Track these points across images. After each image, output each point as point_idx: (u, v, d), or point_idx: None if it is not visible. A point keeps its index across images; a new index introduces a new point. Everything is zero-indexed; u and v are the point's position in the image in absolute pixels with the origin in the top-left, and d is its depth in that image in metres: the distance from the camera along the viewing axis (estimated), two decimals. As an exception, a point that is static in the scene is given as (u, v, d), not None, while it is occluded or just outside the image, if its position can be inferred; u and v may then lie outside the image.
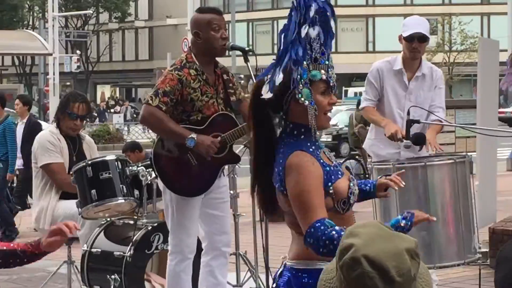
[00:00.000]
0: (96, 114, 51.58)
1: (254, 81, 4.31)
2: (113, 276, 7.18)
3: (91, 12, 65.02)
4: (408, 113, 7.10)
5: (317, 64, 3.96)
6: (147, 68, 68.93)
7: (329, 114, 4.09)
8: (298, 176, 3.87)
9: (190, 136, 6.41)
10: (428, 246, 6.52)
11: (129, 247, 7.27)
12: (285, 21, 4.07)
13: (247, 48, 6.80)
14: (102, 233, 7.67)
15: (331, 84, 3.98)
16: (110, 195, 7.49)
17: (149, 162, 7.36)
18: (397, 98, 7.60)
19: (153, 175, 7.14)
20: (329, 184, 3.91)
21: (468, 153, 7.96)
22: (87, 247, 7.61)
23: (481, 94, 9.89)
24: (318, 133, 4.09)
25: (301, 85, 3.94)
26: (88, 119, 7.86)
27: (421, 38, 7.49)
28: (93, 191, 7.41)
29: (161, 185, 6.91)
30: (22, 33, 31.80)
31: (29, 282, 9.42)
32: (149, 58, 73.62)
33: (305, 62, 3.94)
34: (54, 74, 40.12)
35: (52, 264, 9.27)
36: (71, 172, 7.70)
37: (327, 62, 3.98)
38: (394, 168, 6.87)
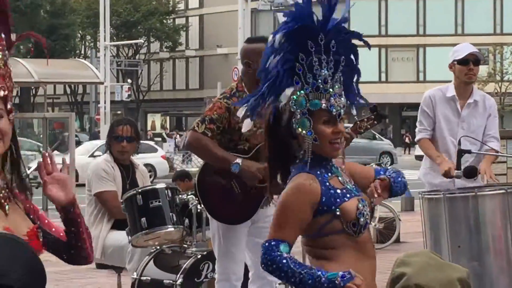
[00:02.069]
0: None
1: None
2: (163, 305, 7.21)
3: (142, 41, 65.52)
4: (459, 143, 7.08)
5: (319, 93, 3.91)
6: (197, 97, 69.16)
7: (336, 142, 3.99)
8: (289, 190, 3.92)
9: (235, 161, 6.43)
10: (479, 277, 6.48)
11: (178, 275, 7.29)
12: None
13: None
14: (151, 261, 7.70)
15: (333, 113, 3.91)
16: (160, 223, 7.52)
17: (198, 191, 7.40)
18: (450, 126, 7.58)
19: (203, 203, 7.17)
20: (333, 207, 3.88)
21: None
22: (137, 275, 7.64)
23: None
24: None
25: (298, 115, 3.92)
26: (137, 143, 7.79)
27: (476, 61, 7.48)
28: (143, 219, 7.45)
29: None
30: (74, 62, 32.06)
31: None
32: (199, 87, 73.89)
33: (303, 92, 3.91)
34: (105, 102, 40.58)
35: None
36: (121, 200, 7.76)
37: (330, 90, 3.92)
38: (445, 198, 6.86)
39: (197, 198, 7.06)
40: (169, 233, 7.61)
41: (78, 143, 37.92)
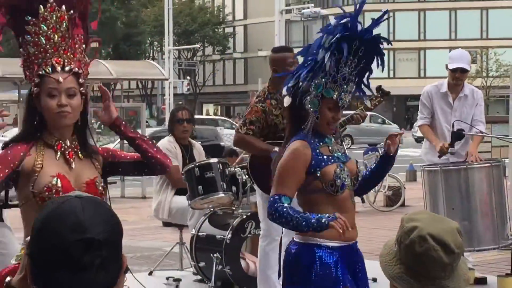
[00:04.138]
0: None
1: None
2: (215, 255, 7.22)
3: (199, 46, 65.55)
4: (453, 126, 7.05)
5: (335, 85, 3.94)
6: (242, 90, 69.13)
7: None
8: (287, 155, 3.99)
9: (274, 149, 6.45)
10: (469, 233, 6.44)
11: (228, 231, 7.31)
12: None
13: None
14: (206, 221, 7.72)
15: (339, 104, 3.97)
16: (213, 190, 7.53)
17: (244, 165, 7.41)
18: (444, 115, 7.55)
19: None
20: (317, 169, 3.94)
21: (502, 159, 7.85)
22: (195, 232, 7.67)
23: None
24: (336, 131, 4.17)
25: (313, 96, 3.95)
26: (193, 124, 7.84)
27: (463, 70, 7.44)
28: (200, 187, 7.47)
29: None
30: (145, 63, 32.14)
31: (149, 259, 9.47)
32: (244, 82, 73.81)
33: (323, 79, 3.93)
34: (169, 95, 40.56)
35: (167, 245, 9.39)
36: (182, 172, 7.79)
37: (345, 87, 3.96)
38: (441, 170, 6.82)
39: (246, 173, 7.05)
40: (220, 198, 7.63)
41: (148, 127, 38.11)
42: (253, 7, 72.43)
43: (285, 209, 3.83)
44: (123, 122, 3.64)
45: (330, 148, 4.04)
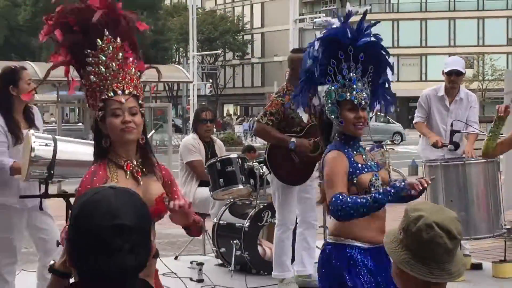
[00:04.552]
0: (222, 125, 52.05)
1: None
2: (235, 241, 7.23)
3: (220, 52, 65.55)
4: (452, 125, 7.02)
5: (345, 88, 3.83)
6: (260, 92, 69.06)
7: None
8: (329, 165, 3.78)
9: (291, 140, 6.43)
10: (466, 223, 6.41)
11: (246, 220, 7.31)
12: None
13: None
14: (227, 210, 7.73)
15: (355, 103, 3.82)
16: (233, 183, 7.53)
17: (261, 159, 7.41)
18: (441, 117, 7.52)
19: (264, 168, 7.16)
20: (354, 176, 3.78)
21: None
22: (216, 220, 7.68)
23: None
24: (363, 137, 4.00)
25: (329, 104, 3.86)
26: (215, 123, 7.89)
27: (458, 73, 7.40)
28: (221, 180, 7.47)
29: (269, 177, 6.94)
30: (171, 67, 32.22)
31: (174, 245, 9.52)
32: (261, 85, 73.68)
33: (333, 87, 3.85)
34: (193, 96, 40.58)
35: (191, 232, 9.37)
36: (205, 166, 7.79)
37: (354, 86, 3.83)
38: (441, 165, 6.79)
39: (265, 165, 7.01)
40: (239, 190, 7.63)
41: (174, 125, 38.19)
42: (269, 16, 72.38)
43: (349, 199, 3.63)
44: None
45: (364, 157, 3.91)
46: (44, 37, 3.52)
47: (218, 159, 7.69)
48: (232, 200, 7.80)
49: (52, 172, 5.08)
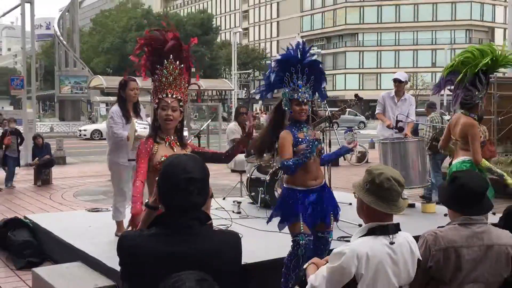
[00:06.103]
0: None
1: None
2: (260, 188, 7.22)
3: (251, 71, 65.33)
4: (397, 117, 6.95)
5: (294, 91, 3.79)
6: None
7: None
8: (281, 139, 3.80)
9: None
10: (405, 178, 6.31)
11: (267, 175, 7.30)
12: None
13: None
14: (255, 169, 7.72)
15: (300, 100, 3.78)
16: (259, 152, 7.47)
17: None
18: (392, 110, 7.43)
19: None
20: (295, 145, 3.79)
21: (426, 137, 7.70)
22: (249, 175, 7.65)
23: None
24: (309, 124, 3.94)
25: (285, 100, 3.84)
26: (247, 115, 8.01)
27: (399, 81, 7.37)
28: (251, 150, 7.40)
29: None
30: (220, 80, 32.35)
31: (223, 190, 9.38)
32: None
33: (287, 90, 3.81)
34: (234, 99, 40.54)
35: (232, 182, 9.40)
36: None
37: (300, 90, 3.78)
38: (390, 142, 6.71)
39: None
40: (264, 156, 7.55)
41: (222, 117, 38.21)
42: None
43: (291, 161, 3.74)
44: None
45: (304, 134, 3.88)
46: (134, 58, 3.52)
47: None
48: (259, 162, 7.79)
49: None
